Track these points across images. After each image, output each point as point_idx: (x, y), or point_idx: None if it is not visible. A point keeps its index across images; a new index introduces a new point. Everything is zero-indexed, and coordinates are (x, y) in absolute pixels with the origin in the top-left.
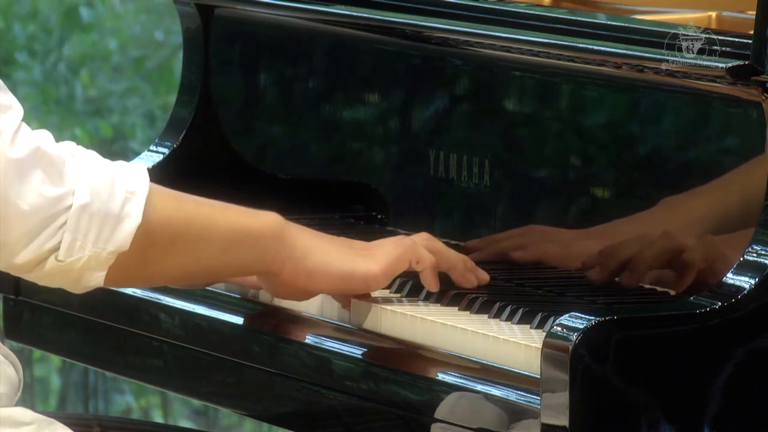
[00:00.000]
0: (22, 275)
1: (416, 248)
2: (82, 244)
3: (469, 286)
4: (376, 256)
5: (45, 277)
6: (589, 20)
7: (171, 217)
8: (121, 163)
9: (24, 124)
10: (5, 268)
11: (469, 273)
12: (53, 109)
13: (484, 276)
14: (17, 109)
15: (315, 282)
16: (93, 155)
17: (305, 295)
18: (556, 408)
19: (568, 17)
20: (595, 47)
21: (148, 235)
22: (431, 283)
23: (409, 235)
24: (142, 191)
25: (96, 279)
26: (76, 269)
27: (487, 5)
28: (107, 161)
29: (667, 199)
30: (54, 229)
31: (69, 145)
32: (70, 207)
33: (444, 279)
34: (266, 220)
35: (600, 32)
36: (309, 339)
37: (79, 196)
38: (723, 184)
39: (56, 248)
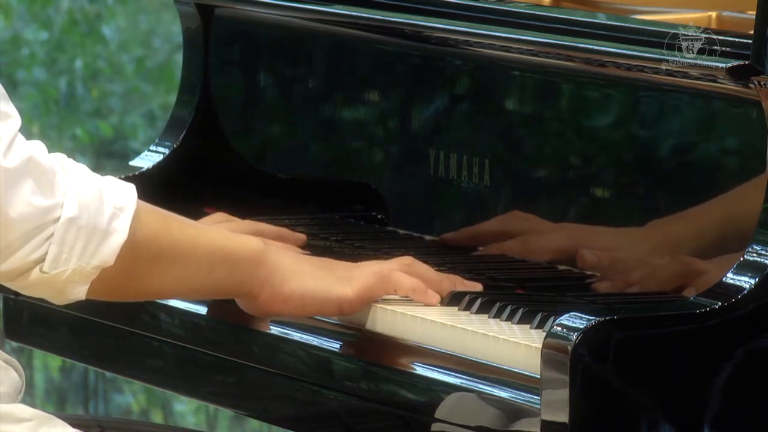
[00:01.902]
0: (6, 283)
1: (392, 278)
2: (67, 257)
3: None
4: (354, 282)
5: (28, 286)
6: (589, 20)
7: (156, 234)
8: (110, 178)
9: (20, 135)
10: None
11: (456, 288)
12: (53, 109)
13: (476, 287)
14: (15, 119)
15: (290, 307)
16: (83, 169)
17: (282, 316)
18: (557, 407)
19: (568, 17)
20: (595, 47)
21: (132, 252)
22: (427, 301)
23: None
24: (130, 208)
25: (78, 292)
26: (60, 281)
27: (486, 5)
28: (97, 176)
29: (664, 219)
30: (41, 240)
31: (60, 158)
32: (58, 219)
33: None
34: (247, 243)
35: (600, 32)
36: (309, 339)
37: (67, 209)
38: (727, 195)
39: (42, 259)
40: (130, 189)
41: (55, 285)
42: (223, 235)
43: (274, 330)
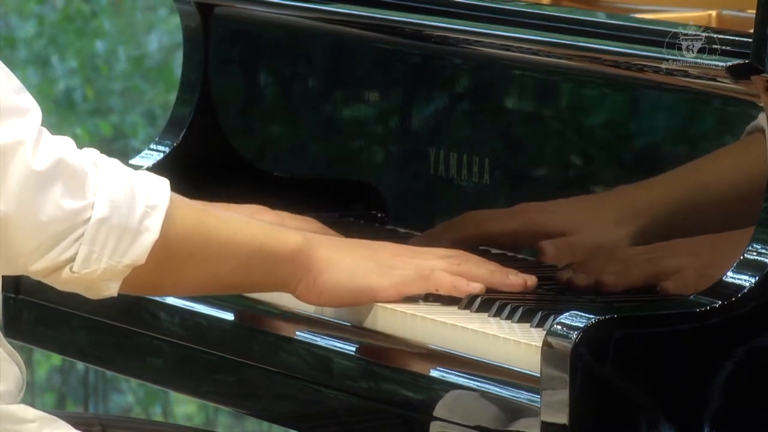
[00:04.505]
0: (40, 279)
1: (432, 278)
2: (98, 257)
3: (518, 290)
4: (394, 273)
5: (61, 283)
6: (589, 19)
7: (190, 232)
8: (143, 173)
9: (45, 130)
10: (22, 273)
11: (508, 279)
12: (52, 108)
13: (531, 279)
14: (35, 112)
15: (325, 299)
16: (115, 165)
17: (317, 306)
18: (556, 406)
19: (568, 16)
20: (595, 46)
21: (165, 250)
22: (470, 292)
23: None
24: (162, 206)
25: (110, 289)
26: (91, 280)
27: (486, 4)
28: (129, 171)
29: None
30: (71, 241)
31: (91, 153)
32: (88, 220)
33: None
34: (288, 240)
35: (600, 31)
36: (309, 337)
37: (98, 209)
38: (696, 163)
39: (72, 259)
40: (164, 185)
41: (86, 283)
42: (263, 231)
43: (274, 329)
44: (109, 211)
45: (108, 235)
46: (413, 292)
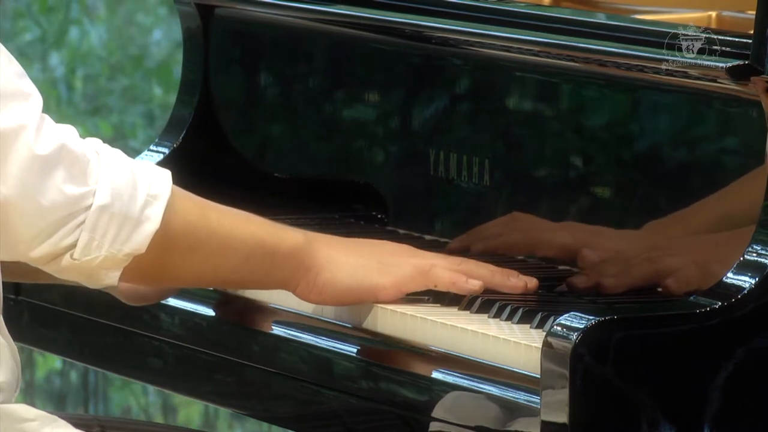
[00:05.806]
0: (39, 267)
1: (431, 274)
2: (98, 244)
3: (518, 292)
4: (393, 271)
5: (60, 271)
6: (589, 20)
7: (191, 224)
8: (146, 164)
9: (47, 117)
10: (22, 259)
11: (509, 281)
12: (51, 108)
13: (532, 281)
14: (36, 97)
15: (325, 298)
16: (118, 154)
17: (318, 304)
18: (556, 406)
19: (568, 17)
20: (595, 47)
21: (166, 240)
22: (470, 290)
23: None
24: (164, 196)
25: (110, 278)
26: (91, 267)
27: (486, 5)
28: (132, 161)
29: (673, 214)
30: (72, 227)
31: (94, 143)
32: (90, 206)
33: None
34: (288, 238)
35: (600, 32)
36: (309, 338)
37: (99, 196)
38: (721, 194)
39: (73, 246)
40: (166, 176)
41: (86, 271)
42: (264, 227)
43: (274, 330)
44: (111, 198)
45: (109, 223)
46: (413, 289)
